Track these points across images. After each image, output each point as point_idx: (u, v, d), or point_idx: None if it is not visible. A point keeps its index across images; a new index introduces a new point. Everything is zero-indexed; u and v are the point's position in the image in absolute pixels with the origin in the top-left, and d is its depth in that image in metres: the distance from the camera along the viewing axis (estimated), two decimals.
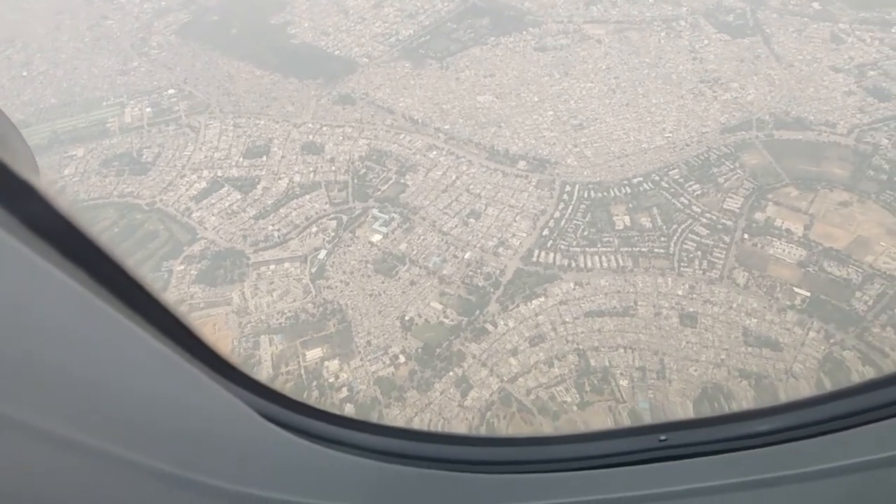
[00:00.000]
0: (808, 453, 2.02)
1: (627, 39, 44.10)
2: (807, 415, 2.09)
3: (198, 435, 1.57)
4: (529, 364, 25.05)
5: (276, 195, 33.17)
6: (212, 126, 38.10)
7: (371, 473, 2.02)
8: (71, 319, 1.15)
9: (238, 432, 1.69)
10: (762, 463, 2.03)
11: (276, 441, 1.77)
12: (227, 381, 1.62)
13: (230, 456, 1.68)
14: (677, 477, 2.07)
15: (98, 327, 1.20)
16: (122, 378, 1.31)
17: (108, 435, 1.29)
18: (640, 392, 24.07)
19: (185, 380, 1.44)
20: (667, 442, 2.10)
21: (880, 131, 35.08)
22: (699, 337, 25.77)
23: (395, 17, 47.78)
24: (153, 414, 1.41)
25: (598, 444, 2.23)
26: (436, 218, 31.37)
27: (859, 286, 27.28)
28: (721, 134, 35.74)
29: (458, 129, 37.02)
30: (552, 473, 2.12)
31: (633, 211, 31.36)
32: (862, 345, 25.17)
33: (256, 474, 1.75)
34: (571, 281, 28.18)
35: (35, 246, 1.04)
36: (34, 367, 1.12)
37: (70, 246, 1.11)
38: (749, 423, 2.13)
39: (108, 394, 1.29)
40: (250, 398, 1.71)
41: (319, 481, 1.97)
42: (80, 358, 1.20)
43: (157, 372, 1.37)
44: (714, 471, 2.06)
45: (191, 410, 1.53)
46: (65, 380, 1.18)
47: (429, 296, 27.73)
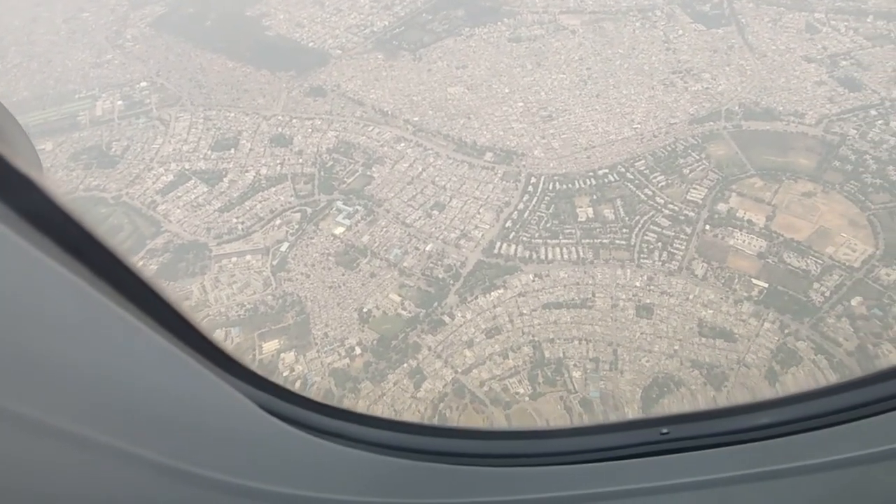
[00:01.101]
0: (810, 446, 2.04)
1: (602, 30, 43.92)
2: (808, 408, 2.10)
3: (198, 427, 1.57)
4: (484, 356, 25.18)
5: (242, 188, 33.21)
6: (182, 119, 38.06)
7: (371, 466, 2.02)
8: (71, 313, 1.15)
9: (238, 425, 1.69)
10: (764, 456, 2.04)
11: (276, 433, 1.77)
12: (227, 373, 1.62)
13: (230, 448, 1.69)
14: (679, 470, 2.07)
15: (98, 321, 1.20)
16: (123, 371, 1.32)
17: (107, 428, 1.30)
18: (592, 383, 24.20)
19: (185, 372, 1.44)
20: (668, 435, 2.10)
21: (849, 121, 35.01)
22: (654, 328, 25.87)
23: (371, 8, 47.58)
24: (153, 407, 1.41)
25: (600, 437, 2.23)
26: (400, 210, 31.41)
27: (818, 277, 27.34)
28: (689, 125, 35.68)
29: (428, 120, 36.97)
30: (554, 466, 2.12)
31: (597, 202, 31.37)
32: (816, 335, 25.27)
33: (256, 467, 1.75)
34: (531, 273, 28.25)
35: (35, 240, 1.05)
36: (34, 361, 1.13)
37: (70, 240, 1.12)
38: (751, 416, 2.14)
39: (109, 387, 1.30)
40: (250, 391, 1.71)
41: (320, 474, 1.97)
42: (81, 351, 1.21)
43: (157, 365, 1.37)
44: (716, 464, 2.07)
45: (191, 403, 1.53)
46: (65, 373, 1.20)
47: (388, 288, 27.83)
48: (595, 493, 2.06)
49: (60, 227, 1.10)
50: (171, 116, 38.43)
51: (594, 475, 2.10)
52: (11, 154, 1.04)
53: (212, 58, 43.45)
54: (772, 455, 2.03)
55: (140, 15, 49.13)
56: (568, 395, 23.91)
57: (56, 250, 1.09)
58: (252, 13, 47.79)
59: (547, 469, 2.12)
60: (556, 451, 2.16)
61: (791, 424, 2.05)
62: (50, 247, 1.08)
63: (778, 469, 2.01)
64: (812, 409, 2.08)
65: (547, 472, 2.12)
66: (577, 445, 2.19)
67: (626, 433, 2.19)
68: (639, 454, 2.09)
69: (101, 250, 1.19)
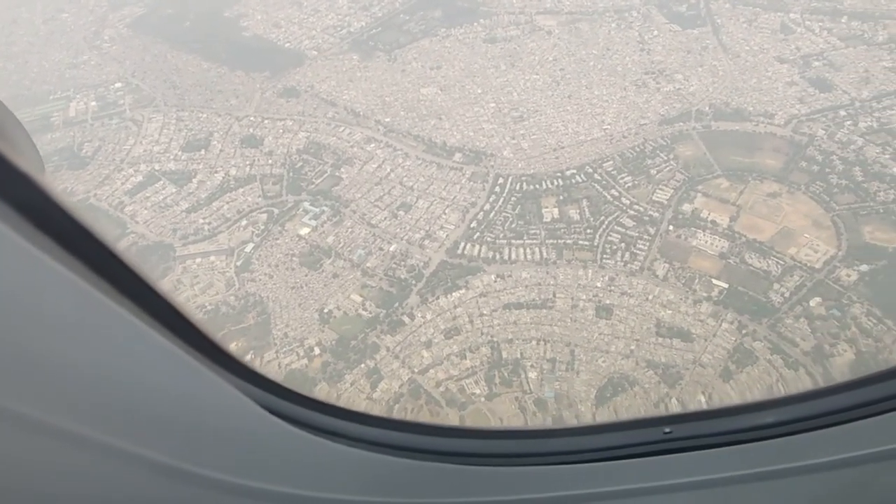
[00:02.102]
0: (812, 446, 2.03)
1: (578, 30, 43.97)
2: (811, 407, 2.10)
3: (198, 427, 1.56)
4: (442, 356, 25.24)
5: (210, 189, 33.27)
6: (154, 120, 38.13)
7: (373, 466, 2.01)
8: (72, 312, 1.15)
9: (239, 424, 1.68)
10: (767, 455, 2.04)
11: (277, 433, 1.76)
12: (228, 372, 1.61)
13: (231, 448, 1.69)
14: (682, 469, 2.07)
15: (98, 320, 1.20)
16: (122, 370, 1.32)
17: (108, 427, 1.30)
18: (548, 384, 24.26)
19: (186, 372, 1.43)
20: (671, 434, 2.09)
21: (818, 122, 35.09)
22: (612, 328, 25.93)
23: (349, 8, 47.61)
24: (153, 406, 1.41)
25: (602, 436, 2.22)
26: (366, 211, 31.47)
27: (778, 278, 27.41)
28: (659, 126, 35.74)
29: (399, 121, 37.04)
30: (556, 466, 2.12)
31: (563, 203, 31.43)
32: (773, 335, 25.34)
33: (257, 466, 1.75)
34: (494, 273, 28.32)
35: (36, 239, 1.05)
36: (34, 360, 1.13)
37: (71, 239, 1.12)
38: (754, 415, 2.14)
39: (109, 386, 1.30)
40: (251, 390, 1.70)
41: (321, 473, 1.97)
42: (81, 350, 1.21)
43: (157, 364, 1.37)
44: (718, 463, 2.06)
45: (192, 402, 1.52)
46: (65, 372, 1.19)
47: (350, 288, 27.90)
48: (596, 492, 2.06)
49: (61, 226, 1.10)
50: (143, 117, 38.49)
51: (596, 475, 2.10)
52: (12, 153, 1.05)
53: (187, 59, 43.50)
54: (774, 455, 2.03)
55: (119, 16, 49.15)
56: (523, 395, 23.98)
57: (57, 249, 1.09)
58: (230, 14, 47.83)
59: (549, 468, 2.11)
60: (558, 451, 2.16)
61: (793, 424, 2.05)
62: (51, 246, 1.08)
63: (780, 469, 2.01)
64: (814, 408, 2.08)
65: (549, 471, 2.11)
66: (579, 445, 2.19)
67: (627, 433, 2.18)
68: (641, 454, 2.08)
69: (101, 249, 1.19)
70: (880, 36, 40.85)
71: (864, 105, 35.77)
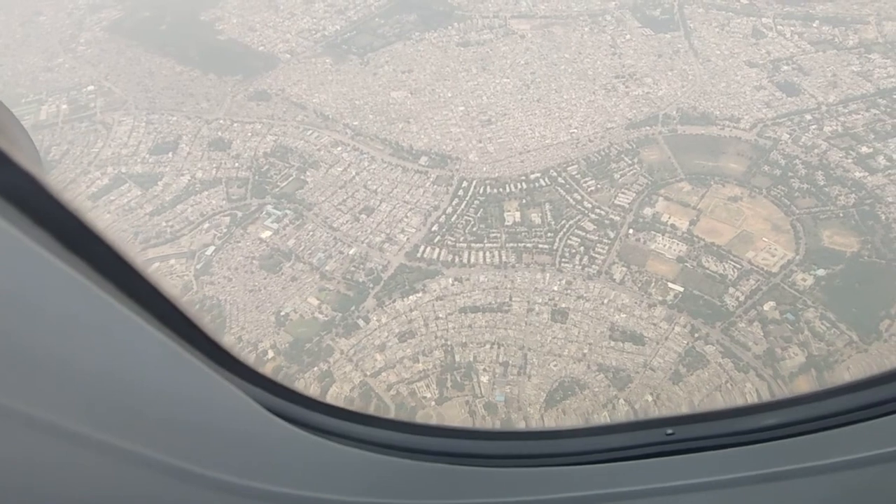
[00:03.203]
0: (816, 447, 2.02)
1: (551, 34, 44.10)
2: (814, 409, 2.09)
3: (202, 428, 1.56)
4: (395, 359, 25.28)
5: (175, 191, 33.33)
6: (124, 122, 38.20)
7: (376, 467, 2.01)
8: (74, 311, 1.14)
9: (242, 425, 1.67)
10: (770, 457, 2.03)
11: (280, 434, 1.76)
12: (231, 374, 1.61)
13: (234, 449, 1.68)
14: (684, 471, 2.06)
15: (101, 319, 1.19)
16: (126, 371, 1.31)
17: (111, 427, 1.30)
18: (499, 387, 24.30)
19: (188, 372, 1.43)
20: (673, 436, 2.09)
21: (783, 126, 35.22)
22: (566, 332, 25.99)
23: (325, 12, 47.73)
24: (156, 407, 1.40)
25: (605, 437, 2.21)
26: (329, 214, 31.54)
27: (734, 282, 27.48)
28: (626, 129, 35.84)
29: (368, 124, 37.13)
30: (558, 467, 2.11)
31: (526, 207, 31.51)
32: (726, 339, 25.41)
33: (261, 467, 1.74)
34: (452, 277, 28.37)
35: (37, 237, 1.05)
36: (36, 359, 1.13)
37: (73, 237, 1.11)
38: (756, 416, 2.13)
39: (112, 386, 1.29)
40: (254, 391, 1.70)
41: (324, 475, 1.96)
42: (83, 350, 1.20)
43: (160, 364, 1.36)
44: (721, 465, 2.05)
45: (194, 403, 1.52)
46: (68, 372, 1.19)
47: (307, 291, 27.95)
48: (599, 494, 2.05)
49: (63, 224, 1.10)
50: (114, 120, 38.55)
51: (598, 476, 2.09)
52: (12, 150, 1.04)
53: (161, 62, 43.59)
54: (778, 456, 2.02)
55: (96, 19, 49.26)
56: (474, 399, 24.02)
57: (59, 247, 1.09)
58: (206, 17, 47.94)
59: (551, 470, 2.10)
60: (560, 452, 2.15)
61: (797, 425, 2.04)
62: (52, 244, 1.07)
63: (784, 470, 2.00)
64: (818, 410, 2.07)
65: (551, 472, 2.10)
66: (581, 446, 2.18)
67: (630, 434, 2.17)
68: (643, 455, 2.07)
69: (104, 248, 1.18)
70: (850, 41, 41.01)
71: (830, 109, 35.91)
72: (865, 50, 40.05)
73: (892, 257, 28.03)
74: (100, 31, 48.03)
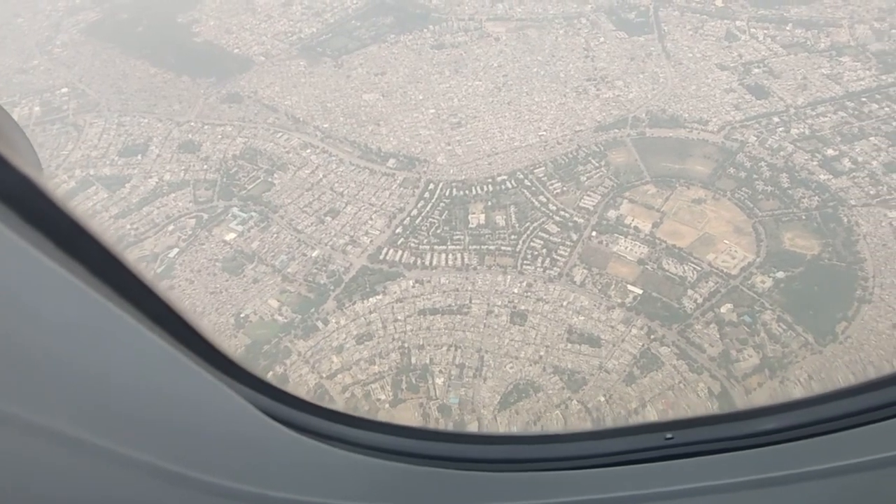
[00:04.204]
0: (816, 452, 2.01)
1: (526, 37, 44.21)
2: (814, 413, 2.08)
3: (198, 431, 1.55)
4: (351, 361, 25.32)
5: (143, 194, 33.36)
6: (96, 124, 38.23)
7: (372, 471, 1.99)
8: (70, 314, 1.14)
9: (239, 429, 1.66)
10: (769, 461, 2.01)
11: (278, 439, 1.75)
12: (229, 377, 1.60)
13: (232, 453, 1.68)
14: (683, 475, 2.05)
15: (98, 322, 1.19)
16: (123, 374, 1.30)
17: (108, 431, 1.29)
18: (454, 389, 24.34)
19: (186, 376, 1.42)
20: (673, 440, 2.08)
21: (750, 129, 35.32)
22: (524, 335, 26.03)
23: (302, 15, 47.80)
24: (154, 410, 1.40)
25: (604, 442, 2.19)
26: (294, 216, 31.58)
27: (693, 284, 27.55)
28: (595, 132, 35.93)
29: (338, 127, 37.19)
30: (557, 472, 2.10)
31: (491, 209, 31.57)
32: (682, 341, 25.47)
33: (258, 472, 1.73)
34: (413, 279, 28.42)
35: (35, 241, 1.04)
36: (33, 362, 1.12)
37: (70, 241, 1.11)
38: (756, 421, 2.13)
39: (110, 390, 1.29)
40: (251, 394, 1.69)
41: (323, 479, 1.95)
42: (80, 353, 1.20)
43: (157, 368, 1.35)
44: (721, 469, 2.04)
45: (192, 407, 1.51)
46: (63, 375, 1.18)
47: (268, 293, 27.98)
48: (598, 498, 2.04)
49: (60, 227, 1.10)
50: (85, 122, 38.59)
51: (597, 481, 2.08)
52: (10, 153, 1.04)
53: (136, 64, 43.64)
54: (777, 461, 2.01)
55: (74, 21, 49.32)
56: (428, 401, 24.05)
57: (56, 251, 1.08)
58: (183, 19, 48.00)
59: (551, 474, 2.09)
60: (558, 457, 2.15)
61: (797, 430, 2.04)
62: (49, 247, 1.07)
63: (782, 475, 1.98)
64: (818, 414, 2.06)
65: (551, 477, 2.09)
66: (580, 450, 2.18)
67: (629, 438, 2.16)
68: (642, 459, 2.06)
69: (101, 251, 1.18)
70: (822, 43, 41.17)
71: (798, 112, 36.04)
72: (837, 53, 40.19)
73: (852, 260, 28.13)
74: (77, 33, 48.09)
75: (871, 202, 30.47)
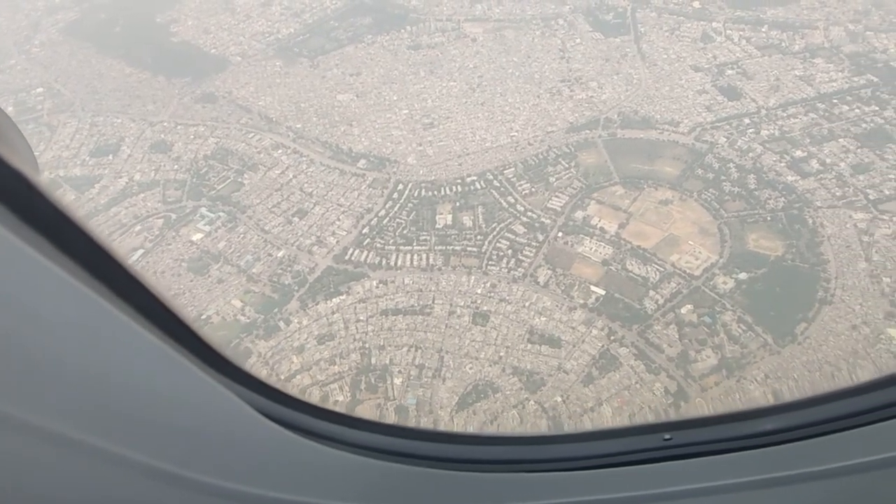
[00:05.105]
0: (814, 453, 2.00)
1: (503, 38, 44.26)
2: (812, 414, 2.08)
3: (194, 432, 1.55)
4: (311, 361, 25.34)
5: (112, 194, 33.35)
6: (69, 125, 38.21)
7: (369, 471, 1.98)
8: (68, 315, 1.14)
9: (235, 429, 1.66)
10: (768, 462, 2.01)
11: (274, 439, 1.74)
12: (224, 377, 1.60)
13: (227, 453, 1.67)
14: (682, 476, 2.04)
15: (95, 323, 1.19)
16: (119, 374, 1.30)
17: (104, 431, 1.28)
18: (412, 390, 24.38)
19: (182, 376, 1.42)
20: (671, 441, 2.08)
21: (721, 130, 35.42)
22: (485, 335, 26.08)
23: (281, 15, 47.78)
24: (149, 410, 1.39)
25: (602, 443, 2.20)
26: (262, 216, 31.60)
27: (655, 285, 27.61)
28: (566, 133, 35.99)
29: (310, 127, 37.20)
30: (555, 473, 2.09)
31: (459, 209, 31.61)
32: (641, 341, 25.53)
33: (255, 472, 1.73)
34: (377, 279, 28.45)
35: (32, 241, 1.04)
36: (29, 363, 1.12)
37: (67, 241, 1.11)
38: (755, 422, 2.13)
39: (105, 390, 1.28)
40: (248, 395, 1.69)
41: (319, 479, 1.94)
42: (76, 353, 1.19)
43: (153, 368, 1.35)
44: (719, 470, 2.03)
45: (187, 407, 1.50)
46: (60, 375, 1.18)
47: (232, 294, 27.99)
48: (596, 499, 2.03)
49: (58, 228, 1.10)
50: (59, 122, 38.57)
51: (596, 482, 2.07)
52: (8, 154, 1.04)
53: (112, 64, 43.60)
54: (776, 461, 2.00)
55: (53, 20, 49.27)
56: (386, 402, 24.08)
57: (53, 251, 1.09)
58: (161, 19, 47.97)
59: (548, 475, 2.08)
60: (557, 458, 2.14)
61: (795, 431, 2.04)
62: (47, 247, 1.07)
63: (781, 476, 1.98)
64: (816, 415, 2.06)
65: (548, 478, 2.08)
66: (579, 451, 2.17)
67: (628, 439, 2.16)
68: (641, 461, 2.06)
69: (98, 252, 1.19)
70: (797, 45, 41.30)
71: (769, 113, 36.16)
72: (811, 54, 40.32)
73: (815, 261, 28.22)
74: (55, 32, 48.03)
75: (837, 204, 30.57)
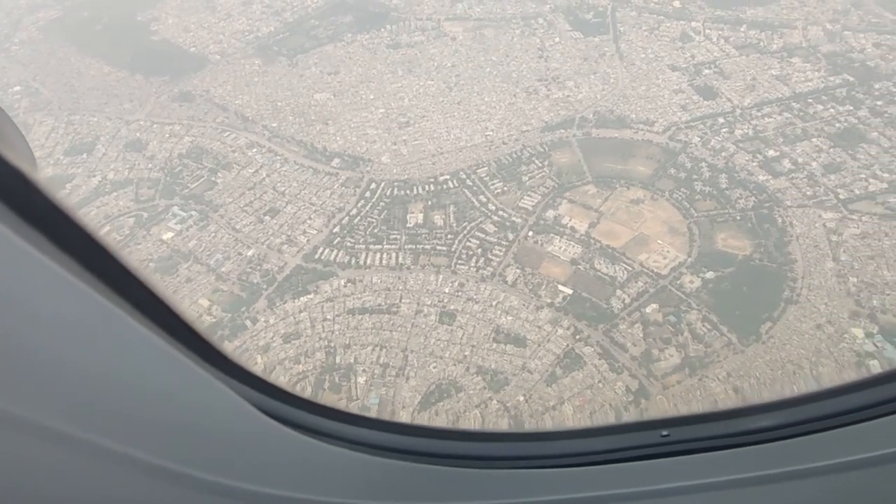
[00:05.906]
0: (812, 449, 2.01)
1: (482, 37, 44.28)
2: (810, 410, 2.08)
3: (192, 428, 1.55)
4: (276, 360, 25.34)
5: (84, 193, 33.30)
6: (45, 123, 38.16)
7: (368, 468, 1.99)
8: (67, 312, 1.14)
9: (233, 426, 1.66)
10: (766, 459, 2.01)
11: (272, 435, 1.74)
12: (222, 373, 1.59)
13: (225, 450, 1.67)
14: (679, 473, 2.04)
15: (94, 320, 1.19)
16: (117, 371, 1.30)
17: (102, 429, 1.28)
18: (375, 389, 24.40)
19: (180, 372, 1.41)
20: (669, 437, 2.08)
21: (695, 129, 35.46)
22: (451, 334, 26.10)
23: (262, 13, 47.78)
24: (147, 407, 1.39)
25: (599, 439, 2.18)
26: (233, 215, 31.59)
27: (622, 284, 27.65)
28: (541, 132, 36.01)
29: (286, 126, 37.20)
30: (552, 469, 2.09)
31: (431, 209, 31.62)
32: (606, 340, 25.58)
33: (252, 469, 1.72)
34: (346, 278, 28.46)
35: (30, 237, 1.04)
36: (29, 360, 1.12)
37: (65, 237, 1.11)
38: (752, 418, 2.12)
39: (104, 387, 1.28)
40: (246, 391, 1.69)
41: (317, 476, 1.94)
42: (74, 350, 1.19)
43: (151, 364, 1.35)
44: (717, 467, 2.03)
45: (185, 403, 1.51)
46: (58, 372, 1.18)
47: (200, 293, 27.98)
48: (593, 496, 2.03)
49: (56, 225, 1.10)
50: (35, 121, 38.50)
51: (592, 478, 2.07)
52: (7, 151, 1.04)
53: (90, 62, 43.56)
54: (773, 458, 2.00)
55: (34, 19, 49.17)
56: (349, 401, 24.09)
57: (52, 248, 1.09)
58: (142, 18, 47.91)
59: (546, 472, 2.09)
60: (554, 454, 2.14)
61: (792, 427, 2.04)
62: (47, 245, 1.07)
63: (779, 472, 1.98)
64: (813, 411, 2.07)
65: (546, 474, 2.08)
66: (575, 448, 2.16)
67: (625, 435, 2.16)
68: (638, 457, 2.06)
69: (98, 249, 1.18)
70: (775, 45, 41.38)
71: (744, 112, 36.23)
72: (788, 54, 40.41)
73: (783, 261, 28.28)
74: (36, 30, 47.95)
75: (807, 203, 30.65)
